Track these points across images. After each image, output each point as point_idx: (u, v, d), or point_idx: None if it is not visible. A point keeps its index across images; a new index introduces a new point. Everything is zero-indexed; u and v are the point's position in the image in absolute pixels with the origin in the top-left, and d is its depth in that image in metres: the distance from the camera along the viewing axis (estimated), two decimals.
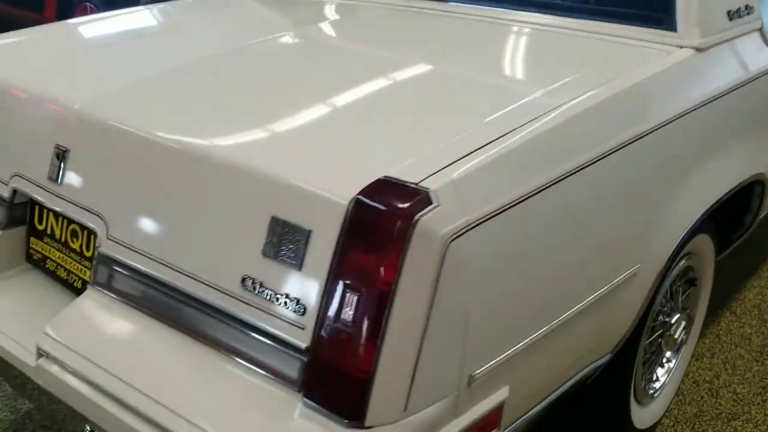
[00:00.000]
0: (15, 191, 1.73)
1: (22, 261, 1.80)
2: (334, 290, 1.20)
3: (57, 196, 1.62)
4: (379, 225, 1.17)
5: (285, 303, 1.26)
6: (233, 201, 1.34)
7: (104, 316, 1.49)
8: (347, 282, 1.18)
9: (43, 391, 1.50)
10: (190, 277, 1.39)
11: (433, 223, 1.16)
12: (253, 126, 1.46)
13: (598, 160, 1.47)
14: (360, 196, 1.19)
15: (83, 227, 1.62)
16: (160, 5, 2.44)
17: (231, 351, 1.34)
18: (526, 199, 1.31)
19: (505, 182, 1.29)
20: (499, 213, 1.26)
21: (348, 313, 1.18)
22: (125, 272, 1.49)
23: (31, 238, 1.78)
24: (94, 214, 1.54)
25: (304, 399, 1.23)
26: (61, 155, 1.62)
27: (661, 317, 2.00)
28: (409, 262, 1.15)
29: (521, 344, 1.36)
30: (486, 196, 1.25)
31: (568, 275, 1.46)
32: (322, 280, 1.22)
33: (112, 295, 1.51)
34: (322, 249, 1.23)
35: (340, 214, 1.20)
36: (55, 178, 1.62)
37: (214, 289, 1.35)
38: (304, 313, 1.24)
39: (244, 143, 1.40)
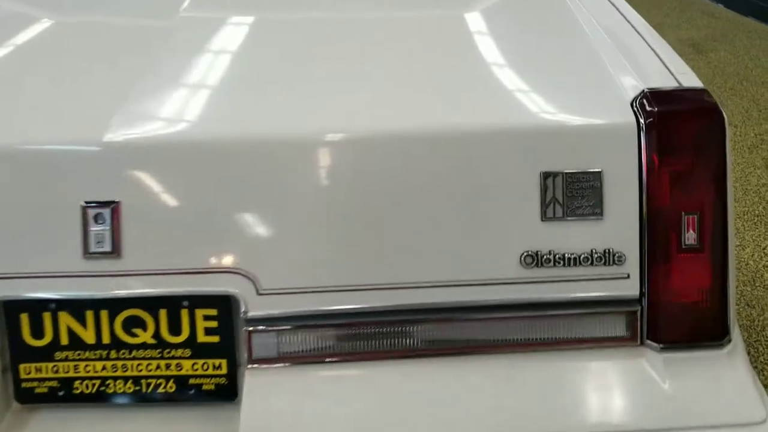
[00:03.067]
0: None
1: (10, 403, 1.16)
2: (664, 220, 1.09)
3: (119, 275, 1.08)
4: (699, 132, 1.10)
5: (593, 260, 1.10)
6: (480, 175, 1.09)
7: (315, 388, 1.08)
8: (680, 206, 1.09)
9: None
10: (434, 287, 1.09)
11: (726, 119, 1.13)
12: (441, 89, 1.21)
13: None
14: (660, 108, 1.09)
15: (165, 303, 1.12)
16: None
17: (527, 344, 1.12)
18: None
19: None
20: None
21: (692, 238, 1.09)
22: (309, 323, 1.10)
23: (22, 366, 1.15)
24: (227, 272, 1.08)
25: (658, 345, 1.11)
26: (102, 216, 1.07)
27: None
28: (728, 161, 1.11)
29: None
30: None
31: None
32: (636, 217, 1.10)
33: (293, 362, 1.10)
34: (622, 184, 1.09)
35: (631, 139, 1.09)
36: (108, 251, 1.07)
37: (483, 285, 1.10)
38: (623, 261, 1.10)
39: (459, 108, 1.14)
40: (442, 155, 1.09)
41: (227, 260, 1.09)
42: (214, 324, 1.14)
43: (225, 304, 1.11)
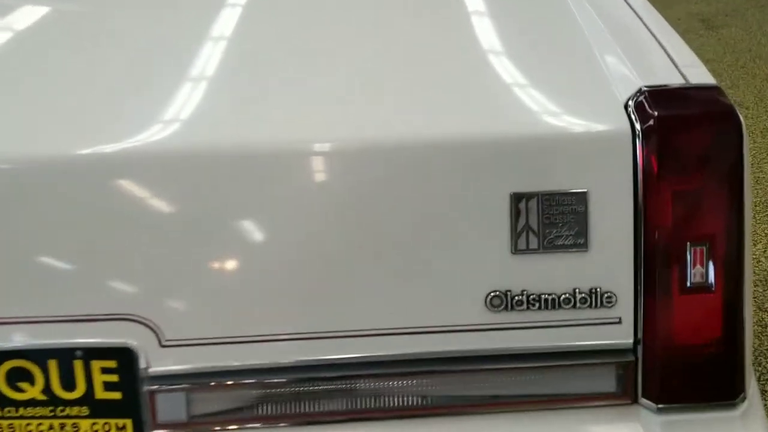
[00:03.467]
0: None
1: None
2: (665, 252, 0.88)
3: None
4: (710, 141, 0.88)
5: (577, 301, 0.89)
6: (435, 197, 0.88)
7: None
8: (685, 234, 0.88)
9: None
10: (379, 335, 0.89)
11: (743, 124, 0.92)
12: (396, 89, 0.99)
13: None
14: (661, 112, 0.87)
15: (55, 353, 0.92)
16: None
17: (494, 404, 0.92)
18: None
19: None
20: None
21: (700, 274, 0.88)
22: (226, 381, 0.90)
23: None
24: (122, 319, 0.88)
25: (656, 405, 0.91)
26: None
27: None
28: (745, 177, 0.89)
29: None
30: None
31: None
32: (630, 248, 0.89)
33: (208, 428, 0.90)
34: (613, 208, 0.88)
35: (624, 150, 0.87)
36: None
37: (440, 332, 0.89)
38: (613, 303, 0.89)
39: (412, 114, 0.92)
40: (388, 173, 0.88)
41: (122, 305, 0.88)
42: (114, 378, 0.93)
43: (126, 356, 0.91)
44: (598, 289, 0.90)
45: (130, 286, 0.88)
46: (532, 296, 0.89)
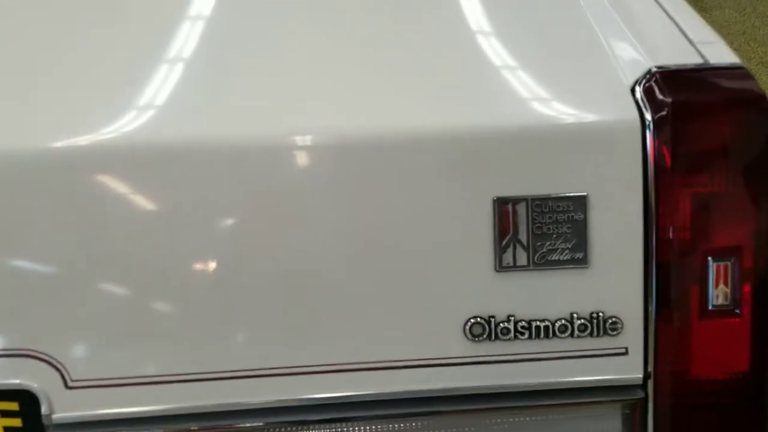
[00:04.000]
0: None
1: None
2: (681, 268, 0.73)
3: None
4: (735, 132, 0.73)
5: (574, 328, 0.74)
6: (400, 203, 0.72)
7: None
8: (707, 247, 0.73)
9: None
10: (332, 372, 0.73)
11: None
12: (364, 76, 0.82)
13: None
14: (676, 98, 0.72)
15: None
16: None
17: None
18: None
19: None
20: None
21: (723, 295, 0.73)
22: (148, 428, 0.74)
23: None
24: (20, 356, 0.72)
25: None
26: None
27: None
28: None
29: None
30: None
31: None
32: (640, 264, 0.73)
33: None
34: (618, 215, 0.73)
35: (632, 144, 0.72)
36: None
37: (407, 368, 0.74)
38: (618, 330, 0.74)
39: (377, 105, 0.76)
40: (347, 175, 0.72)
41: (19, 339, 0.72)
42: (16, 422, 0.78)
43: (25, 399, 0.76)
44: (601, 314, 0.75)
45: (29, 316, 0.72)
46: (520, 323, 0.74)
